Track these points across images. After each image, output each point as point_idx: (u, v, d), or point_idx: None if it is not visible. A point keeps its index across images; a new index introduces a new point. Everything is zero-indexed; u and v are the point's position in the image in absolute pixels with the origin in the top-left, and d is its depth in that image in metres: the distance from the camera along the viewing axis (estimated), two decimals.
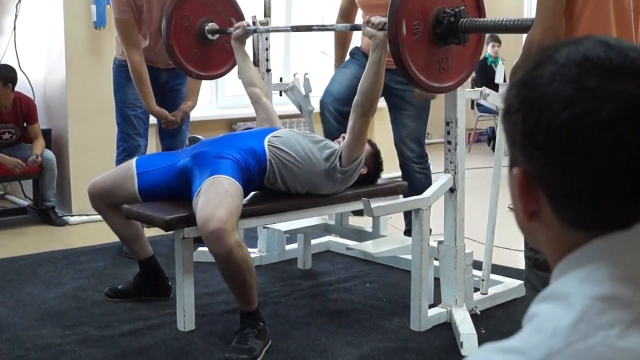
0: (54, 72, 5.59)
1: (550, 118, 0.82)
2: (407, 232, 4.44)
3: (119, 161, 4.35)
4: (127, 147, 4.49)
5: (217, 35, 4.07)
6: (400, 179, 4.25)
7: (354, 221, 4.31)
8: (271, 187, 3.40)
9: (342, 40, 4.62)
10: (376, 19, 3.07)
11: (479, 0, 2.90)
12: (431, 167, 4.41)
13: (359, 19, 4.62)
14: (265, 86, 3.95)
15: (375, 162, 3.73)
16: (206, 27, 4.03)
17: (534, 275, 2.46)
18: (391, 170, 4.57)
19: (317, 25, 3.64)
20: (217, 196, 3.00)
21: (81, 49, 5.41)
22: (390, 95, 4.36)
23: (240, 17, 4.13)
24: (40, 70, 5.74)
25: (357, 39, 4.84)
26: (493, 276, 3.67)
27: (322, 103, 4.37)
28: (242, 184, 3.15)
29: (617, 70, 0.81)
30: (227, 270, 2.98)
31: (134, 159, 3.54)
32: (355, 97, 3.29)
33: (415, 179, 4.30)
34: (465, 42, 2.79)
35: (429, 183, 4.29)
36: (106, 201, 3.46)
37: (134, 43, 4.25)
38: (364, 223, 4.23)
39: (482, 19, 2.78)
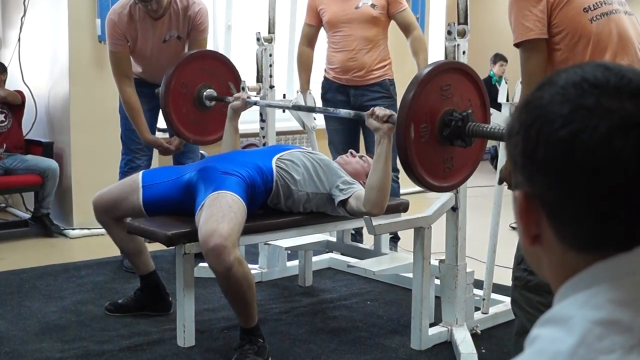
0: (57, 85, 5.61)
1: (548, 136, 0.82)
2: (392, 240, 4.45)
3: (122, 173, 4.35)
4: (130, 159, 4.47)
5: (214, 102, 4.06)
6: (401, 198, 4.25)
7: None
8: (274, 207, 3.41)
9: (305, 65, 4.70)
10: (381, 112, 3.02)
11: (485, 99, 2.93)
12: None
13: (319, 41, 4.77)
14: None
15: None
16: (204, 94, 4.02)
17: (521, 296, 2.47)
18: None
19: (319, 108, 3.58)
20: (220, 211, 2.99)
21: (85, 62, 5.42)
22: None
23: (238, 80, 4.13)
24: (44, 82, 5.75)
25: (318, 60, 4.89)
26: (494, 295, 3.67)
27: None
28: (247, 201, 3.15)
29: (614, 90, 0.82)
30: (227, 286, 2.97)
31: (140, 172, 3.54)
32: (367, 194, 3.16)
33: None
34: (471, 144, 2.82)
35: (398, 194, 4.38)
36: (111, 214, 3.45)
37: (126, 75, 4.23)
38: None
39: (488, 126, 2.80)
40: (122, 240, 3.52)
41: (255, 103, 3.88)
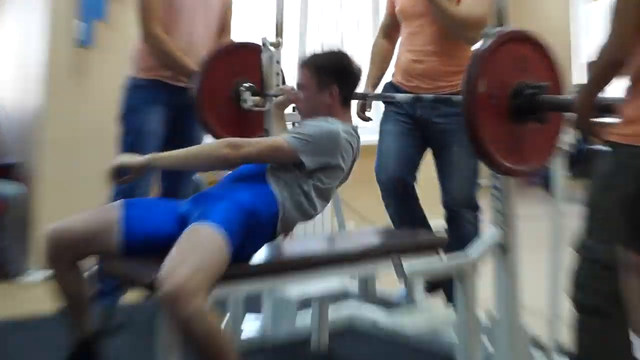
0: (29, 97, 5.18)
1: None
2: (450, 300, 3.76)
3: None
4: (127, 187, 3.67)
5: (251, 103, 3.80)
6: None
7: None
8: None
9: (377, 56, 3.97)
10: None
11: (558, 79, 2.76)
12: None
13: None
14: None
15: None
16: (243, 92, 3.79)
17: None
18: (434, 215, 3.87)
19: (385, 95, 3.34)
20: (185, 251, 2.43)
21: (63, 71, 5.02)
22: (432, 131, 3.72)
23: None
24: (12, 94, 5.36)
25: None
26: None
27: (383, 184, 3.75)
28: (238, 232, 2.56)
29: None
30: (191, 345, 2.36)
31: (117, 202, 2.86)
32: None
33: (466, 229, 3.62)
34: (544, 121, 2.62)
35: (477, 236, 3.63)
36: (72, 252, 2.75)
37: (157, 18, 3.84)
38: None
39: (563, 96, 2.66)
40: (71, 286, 2.81)
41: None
